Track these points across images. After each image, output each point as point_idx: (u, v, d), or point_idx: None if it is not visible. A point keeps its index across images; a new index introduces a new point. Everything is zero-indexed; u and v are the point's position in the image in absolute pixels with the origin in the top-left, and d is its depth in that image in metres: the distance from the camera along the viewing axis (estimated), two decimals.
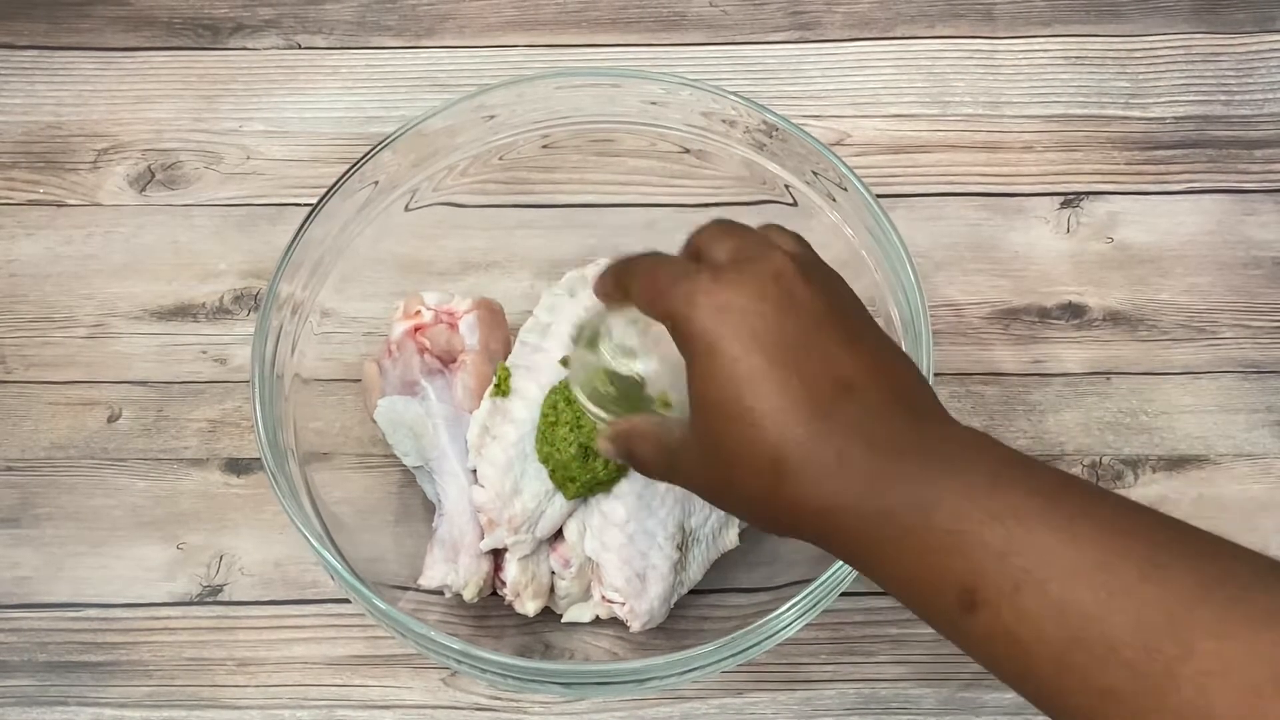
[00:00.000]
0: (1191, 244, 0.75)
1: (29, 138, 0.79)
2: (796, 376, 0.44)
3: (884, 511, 0.42)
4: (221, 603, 0.66)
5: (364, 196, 0.66)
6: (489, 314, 0.67)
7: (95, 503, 0.69)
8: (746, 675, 0.64)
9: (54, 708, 0.64)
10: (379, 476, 0.68)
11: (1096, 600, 0.38)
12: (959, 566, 0.41)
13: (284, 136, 0.79)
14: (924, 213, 0.76)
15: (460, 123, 0.67)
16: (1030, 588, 0.39)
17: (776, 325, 0.45)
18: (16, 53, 0.82)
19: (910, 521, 0.42)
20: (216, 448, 0.70)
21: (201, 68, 0.81)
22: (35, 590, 0.67)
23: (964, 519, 0.41)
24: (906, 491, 0.42)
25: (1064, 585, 0.39)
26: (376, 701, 0.64)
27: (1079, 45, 0.82)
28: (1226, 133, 0.79)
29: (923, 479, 0.42)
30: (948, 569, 0.41)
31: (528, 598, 0.63)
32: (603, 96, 0.67)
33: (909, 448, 0.43)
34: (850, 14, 0.83)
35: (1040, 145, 0.79)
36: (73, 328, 0.73)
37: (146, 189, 0.77)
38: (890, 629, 0.65)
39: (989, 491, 0.41)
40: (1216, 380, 0.72)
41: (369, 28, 0.83)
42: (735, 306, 0.45)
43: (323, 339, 0.66)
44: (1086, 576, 0.39)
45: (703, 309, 0.45)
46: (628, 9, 0.84)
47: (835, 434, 0.43)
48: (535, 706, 0.64)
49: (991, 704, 0.64)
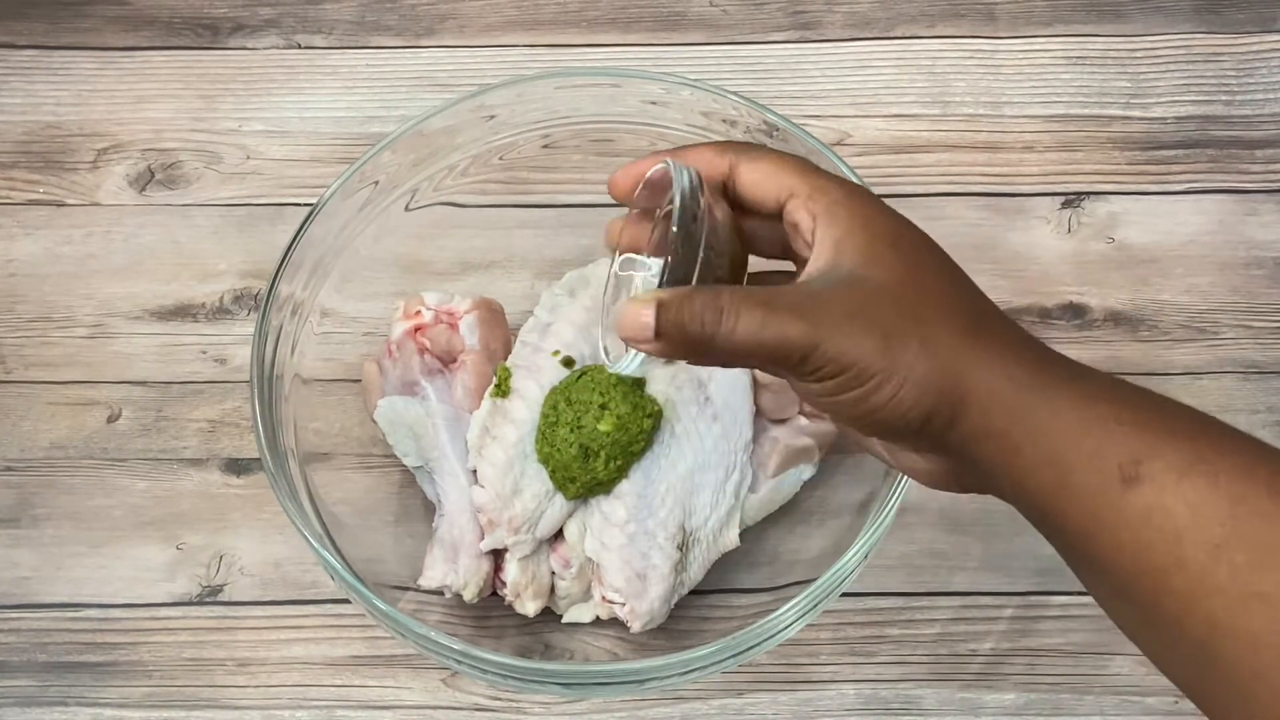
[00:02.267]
0: (1192, 244, 0.75)
1: (29, 138, 0.79)
2: (958, 272, 0.46)
3: (1053, 384, 0.43)
4: (221, 603, 0.66)
5: (364, 196, 0.65)
6: (489, 314, 0.67)
7: (95, 503, 0.68)
8: (747, 676, 0.64)
9: (54, 708, 0.64)
10: (379, 476, 0.68)
11: (1273, 502, 0.39)
12: (1128, 440, 0.41)
13: (284, 136, 0.79)
14: (925, 213, 0.75)
15: (460, 123, 0.67)
16: (1200, 473, 0.40)
17: (920, 234, 0.46)
18: (16, 53, 0.82)
19: (1078, 396, 0.42)
20: (216, 448, 0.70)
21: (201, 68, 0.81)
22: (35, 590, 0.67)
23: (1126, 400, 0.42)
24: (1073, 379, 0.43)
25: (1237, 480, 0.40)
26: (376, 702, 0.64)
27: (1080, 45, 0.82)
28: (1227, 133, 0.79)
29: (1073, 377, 0.43)
30: (1115, 441, 0.41)
31: (528, 598, 0.63)
32: (603, 96, 0.67)
33: (1052, 356, 0.44)
34: (851, 14, 0.83)
35: (1041, 145, 0.78)
36: (73, 328, 0.73)
37: (146, 189, 0.77)
38: (891, 629, 0.65)
39: (1138, 390, 0.43)
40: (1217, 380, 0.71)
41: (369, 28, 0.83)
42: (873, 212, 0.46)
43: (323, 339, 0.66)
44: (1265, 481, 0.40)
45: (848, 196, 0.45)
46: (628, 9, 0.83)
47: (1007, 325, 0.45)
48: (535, 707, 0.64)
49: (992, 704, 0.64)
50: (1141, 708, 0.64)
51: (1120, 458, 0.41)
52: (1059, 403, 0.42)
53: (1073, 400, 0.42)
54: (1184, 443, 0.41)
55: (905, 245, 0.45)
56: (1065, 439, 0.42)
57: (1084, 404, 0.42)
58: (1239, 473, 0.40)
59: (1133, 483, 0.40)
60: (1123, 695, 0.64)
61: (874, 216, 0.45)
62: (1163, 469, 0.40)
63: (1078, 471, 0.41)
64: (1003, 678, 0.64)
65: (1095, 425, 0.41)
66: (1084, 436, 0.42)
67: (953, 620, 0.66)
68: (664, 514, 0.62)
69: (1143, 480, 0.40)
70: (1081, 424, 0.42)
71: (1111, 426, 0.41)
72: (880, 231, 0.45)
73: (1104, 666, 0.64)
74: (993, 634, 0.65)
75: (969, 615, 0.66)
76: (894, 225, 0.45)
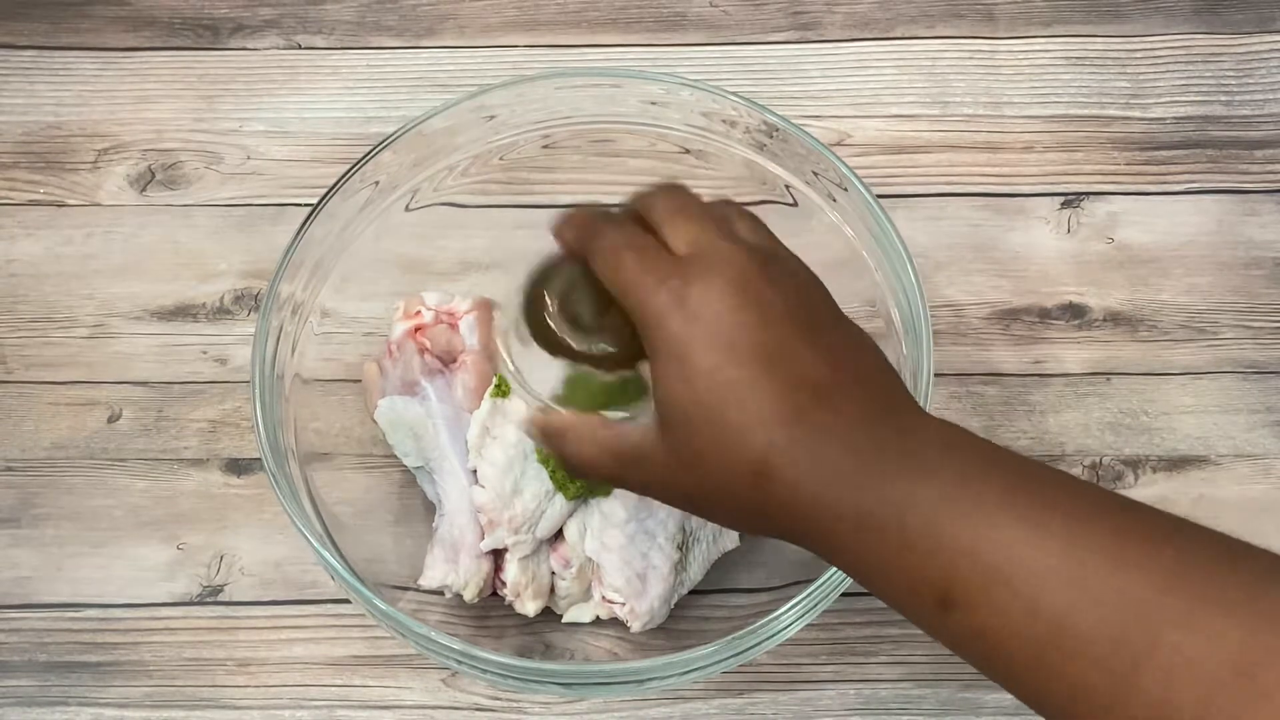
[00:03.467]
0: (1192, 244, 0.75)
1: (29, 138, 0.79)
2: (772, 383, 0.44)
3: (862, 512, 0.42)
4: (221, 603, 0.66)
5: (364, 196, 0.65)
6: (489, 314, 0.67)
7: (95, 503, 0.69)
8: (747, 676, 0.64)
9: (54, 708, 0.64)
10: (379, 476, 0.68)
11: (1066, 597, 0.38)
12: (934, 566, 0.41)
13: (284, 136, 0.79)
14: (924, 213, 0.76)
15: (460, 123, 0.67)
16: (1000, 586, 0.40)
17: (748, 333, 0.44)
18: (16, 53, 0.82)
19: (886, 521, 0.42)
20: (216, 448, 0.70)
21: (201, 68, 0.81)
22: (35, 590, 0.67)
23: (936, 518, 0.41)
24: (882, 491, 0.42)
25: (1033, 583, 0.39)
26: (376, 702, 0.64)
27: (1080, 45, 0.82)
28: (1227, 133, 0.79)
29: (897, 478, 0.42)
30: (924, 568, 0.41)
31: (528, 598, 0.63)
32: (603, 96, 0.67)
33: (884, 446, 0.43)
34: (850, 14, 0.83)
35: (1041, 145, 0.79)
36: (73, 328, 0.73)
37: (147, 189, 0.77)
38: (891, 629, 0.65)
39: (959, 488, 0.41)
40: (1217, 381, 0.72)
41: (369, 28, 0.83)
42: (707, 315, 0.45)
43: (323, 339, 0.66)
44: (1055, 573, 0.39)
45: (674, 315, 0.45)
46: (628, 9, 0.84)
47: (812, 437, 0.43)
48: (535, 707, 0.64)
49: (991, 704, 0.64)
50: None
51: (934, 591, 0.41)
52: (865, 530, 0.42)
53: (884, 528, 0.42)
54: (988, 550, 0.40)
55: (678, 407, 0.45)
56: (887, 568, 0.42)
57: (895, 533, 0.42)
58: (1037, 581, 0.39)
59: (948, 608, 0.41)
60: None
61: (653, 364, 0.46)
62: (967, 594, 0.40)
63: (904, 604, 0.43)
64: None
65: (906, 555, 0.41)
66: (898, 567, 0.42)
67: None
68: (664, 514, 0.62)
69: (956, 605, 0.41)
70: (893, 554, 0.42)
71: (924, 557, 0.41)
72: (661, 392, 0.46)
73: None
74: None
75: None
76: (666, 385, 0.45)
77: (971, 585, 0.40)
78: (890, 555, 0.42)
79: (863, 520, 0.42)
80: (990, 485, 0.41)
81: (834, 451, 0.43)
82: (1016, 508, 0.41)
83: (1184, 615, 0.37)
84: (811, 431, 0.43)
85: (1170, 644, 0.37)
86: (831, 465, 0.43)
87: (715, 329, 0.44)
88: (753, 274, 0.46)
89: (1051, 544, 0.39)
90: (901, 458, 0.43)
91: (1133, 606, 0.38)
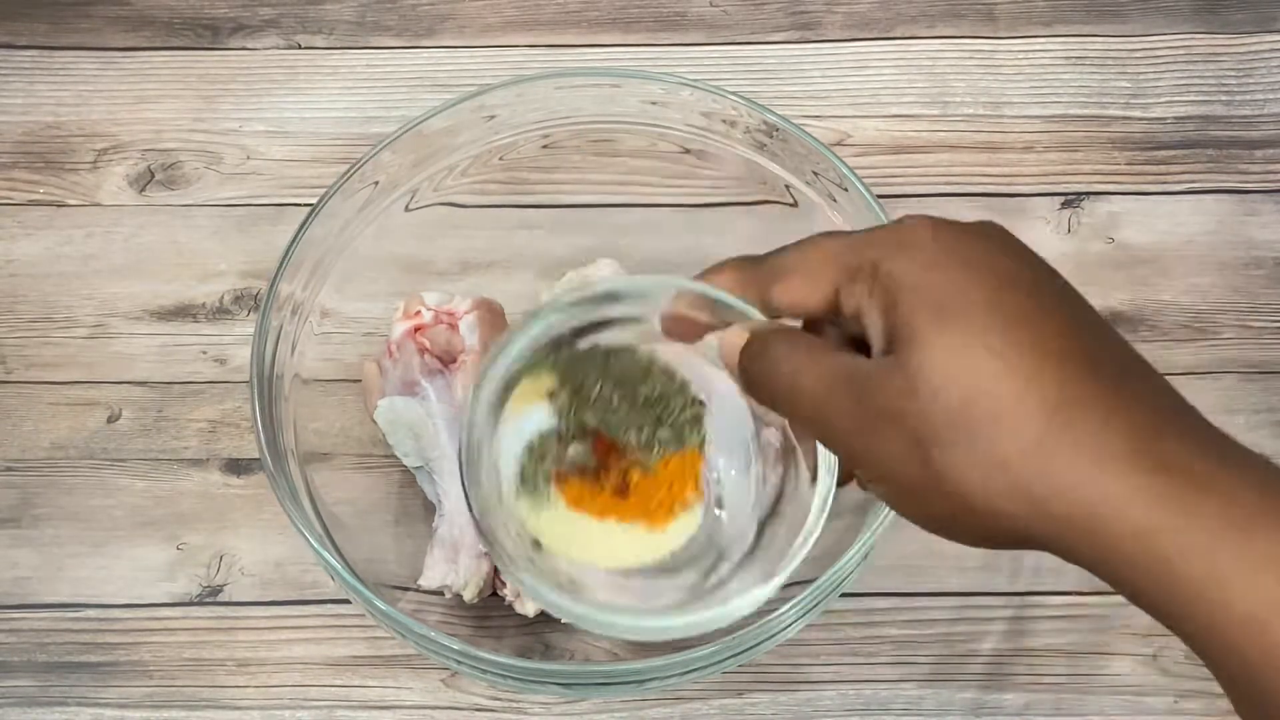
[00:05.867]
0: (1192, 244, 0.75)
1: (29, 138, 0.79)
2: (1079, 340, 0.37)
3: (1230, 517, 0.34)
4: (221, 603, 0.66)
5: (364, 196, 0.65)
6: (489, 314, 0.67)
7: (95, 503, 0.68)
8: (747, 676, 0.64)
9: (54, 708, 0.64)
10: (379, 476, 0.68)
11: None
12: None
13: (284, 136, 0.79)
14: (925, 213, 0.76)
15: (460, 123, 0.67)
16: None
17: (1042, 279, 0.38)
18: (16, 53, 0.82)
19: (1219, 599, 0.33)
20: (216, 448, 0.70)
21: (201, 68, 0.81)
22: (35, 590, 0.67)
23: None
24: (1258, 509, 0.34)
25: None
26: (376, 702, 0.64)
27: (1080, 45, 0.82)
28: (1227, 133, 0.79)
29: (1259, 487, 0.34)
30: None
31: (528, 598, 0.63)
32: (603, 96, 0.67)
33: (1201, 476, 0.35)
34: (850, 14, 0.83)
35: (1041, 145, 0.78)
36: (73, 328, 0.73)
37: (146, 189, 0.77)
38: (891, 630, 0.65)
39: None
40: (1217, 381, 0.71)
41: (369, 28, 0.83)
42: (975, 256, 0.38)
43: (323, 339, 0.66)
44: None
45: (942, 262, 0.38)
46: (628, 9, 0.83)
47: (1123, 409, 0.36)
48: (535, 707, 0.64)
49: (991, 704, 0.64)
50: (1141, 708, 0.64)
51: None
52: (1246, 551, 0.33)
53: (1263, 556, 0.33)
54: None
55: (960, 311, 0.36)
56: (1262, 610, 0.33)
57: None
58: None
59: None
60: (1123, 695, 0.64)
61: (930, 270, 0.38)
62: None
63: (1272, 672, 0.33)
64: (1003, 678, 0.64)
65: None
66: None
67: (953, 620, 0.66)
68: None
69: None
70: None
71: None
72: (931, 292, 0.37)
73: (1104, 666, 0.64)
74: (993, 634, 0.65)
75: (969, 615, 0.66)
76: (955, 281, 0.37)
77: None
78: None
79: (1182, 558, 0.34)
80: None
81: (1145, 443, 0.35)
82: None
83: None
84: (1125, 402, 0.36)
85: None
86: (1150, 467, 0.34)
87: (948, 273, 0.37)
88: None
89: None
90: (1236, 466, 0.35)
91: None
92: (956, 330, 0.36)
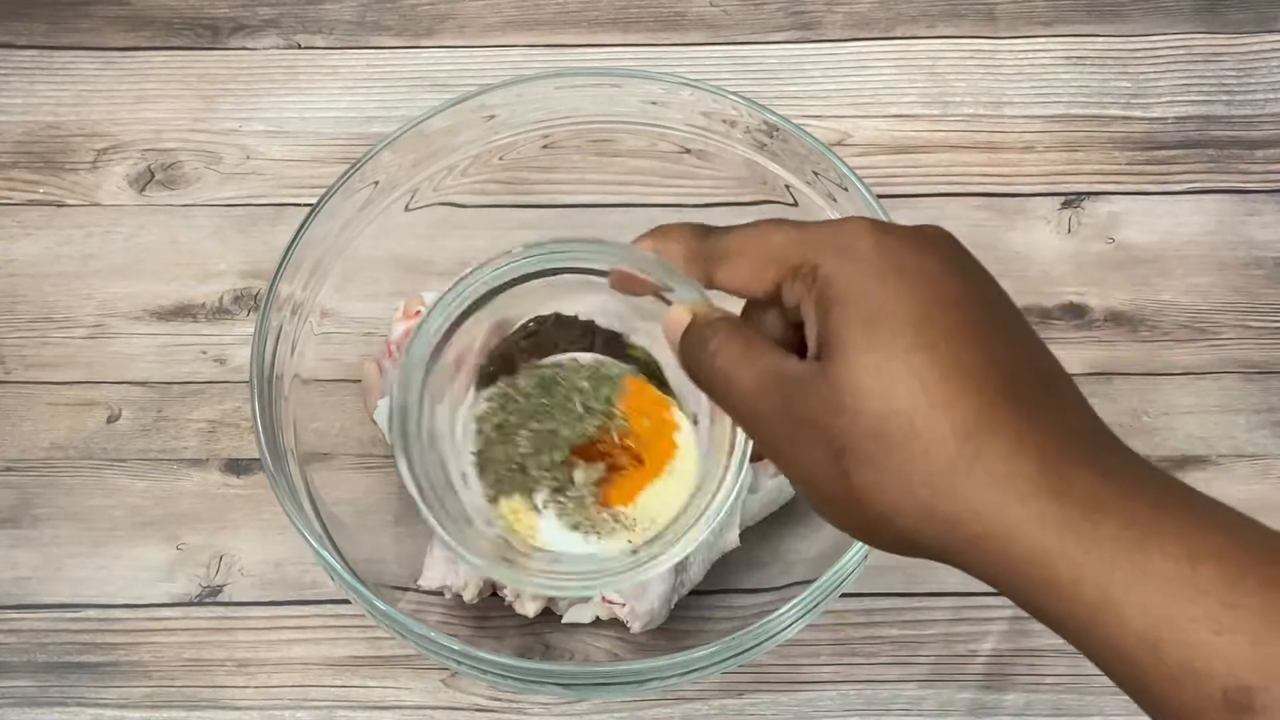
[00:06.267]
0: (1193, 244, 0.75)
1: (29, 138, 0.79)
2: (1001, 360, 0.37)
3: (1093, 574, 0.35)
4: (221, 603, 0.66)
5: (364, 196, 0.65)
6: None
7: (94, 503, 0.68)
8: (747, 676, 0.64)
9: (54, 708, 0.64)
10: (379, 476, 0.68)
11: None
12: (1238, 654, 0.33)
13: (284, 136, 0.79)
14: (925, 213, 0.76)
15: (460, 123, 0.66)
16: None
17: (974, 292, 0.39)
18: (16, 53, 0.82)
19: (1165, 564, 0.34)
20: (216, 448, 0.70)
21: (201, 68, 0.81)
22: (34, 591, 0.66)
23: (1238, 581, 0.35)
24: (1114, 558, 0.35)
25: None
26: (376, 702, 0.64)
27: (1080, 45, 0.82)
28: (1228, 133, 0.79)
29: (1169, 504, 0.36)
30: (1219, 656, 0.34)
31: (528, 598, 0.63)
32: (603, 96, 0.67)
33: (1105, 495, 0.35)
34: (851, 14, 0.83)
35: (1041, 145, 0.78)
36: (72, 328, 0.73)
37: (146, 189, 0.77)
38: (891, 630, 0.65)
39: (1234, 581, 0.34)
40: (1218, 381, 0.71)
41: (369, 28, 0.83)
42: (911, 267, 0.38)
43: (323, 339, 0.66)
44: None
45: (874, 263, 0.38)
46: (628, 9, 0.83)
47: (1033, 435, 0.36)
48: (535, 707, 0.64)
49: (992, 704, 0.64)
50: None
51: (1226, 680, 0.33)
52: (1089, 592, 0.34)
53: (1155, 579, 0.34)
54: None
55: (886, 326, 0.37)
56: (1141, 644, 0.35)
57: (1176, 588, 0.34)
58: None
59: (1242, 713, 0.33)
60: (1122, 695, 0.64)
61: (865, 279, 0.38)
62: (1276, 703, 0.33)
63: (1167, 688, 0.35)
64: (1003, 678, 0.64)
65: (1192, 629, 0.34)
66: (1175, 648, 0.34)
67: (953, 621, 0.66)
68: None
69: (1255, 713, 0.33)
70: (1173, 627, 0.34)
71: (1210, 637, 0.34)
72: (863, 304, 0.37)
73: None
74: (993, 634, 0.65)
75: (969, 616, 0.66)
76: (887, 294, 0.37)
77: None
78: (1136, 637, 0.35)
79: (1094, 576, 0.35)
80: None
81: (1054, 469, 0.35)
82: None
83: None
84: (1035, 426, 0.36)
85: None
86: (1053, 493, 0.35)
87: (924, 283, 0.38)
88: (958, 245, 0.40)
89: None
90: (1129, 514, 0.35)
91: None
92: (881, 346, 0.37)
